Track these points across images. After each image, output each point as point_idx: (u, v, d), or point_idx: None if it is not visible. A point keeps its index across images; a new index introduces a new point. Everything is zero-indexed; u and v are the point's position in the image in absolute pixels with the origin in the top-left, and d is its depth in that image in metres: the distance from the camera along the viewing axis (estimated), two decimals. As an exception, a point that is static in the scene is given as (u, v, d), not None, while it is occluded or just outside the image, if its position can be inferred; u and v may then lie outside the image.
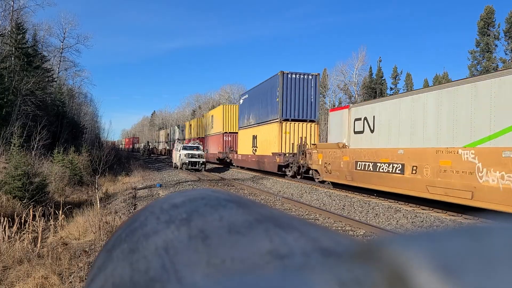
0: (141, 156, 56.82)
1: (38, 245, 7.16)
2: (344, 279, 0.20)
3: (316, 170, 15.98)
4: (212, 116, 36.71)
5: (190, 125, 50.29)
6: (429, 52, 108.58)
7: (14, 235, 7.46)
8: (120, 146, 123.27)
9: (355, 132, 13.82)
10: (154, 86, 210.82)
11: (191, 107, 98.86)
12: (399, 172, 10.95)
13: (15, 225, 7.84)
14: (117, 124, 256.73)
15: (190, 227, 0.25)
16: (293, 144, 19.81)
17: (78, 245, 7.63)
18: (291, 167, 18.78)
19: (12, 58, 25.75)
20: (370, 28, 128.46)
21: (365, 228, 8.46)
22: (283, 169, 19.54)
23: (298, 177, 18.47)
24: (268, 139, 22.16)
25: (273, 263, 0.21)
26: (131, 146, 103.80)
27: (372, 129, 12.86)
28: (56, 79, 36.93)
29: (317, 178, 15.78)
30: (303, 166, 17.85)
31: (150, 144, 74.44)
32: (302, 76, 21.76)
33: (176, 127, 61.59)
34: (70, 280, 5.62)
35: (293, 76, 21.50)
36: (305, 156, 17.13)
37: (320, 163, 15.38)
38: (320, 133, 22.37)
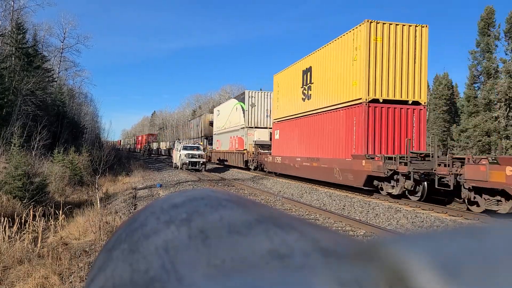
0: (141, 156, 56.87)
1: (38, 245, 7.16)
2: (344, 279, 0.19)
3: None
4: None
5: (277, 84, 22.04)
6: (430, 52, 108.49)
7: (14, 235, 7.46)
8: (127, 146, 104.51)
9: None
10: (154, 86, 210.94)
11: (191, 107, 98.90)
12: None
13: (15, 225, 7.84)
14: (117, 124, 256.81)
15: (190, 227, 0.25)
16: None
17: (78, 245, 7.63)
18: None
19: (13, 58, 25.76)
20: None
21: (365, 228, 8.46)
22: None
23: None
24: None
25: (273, 263, 0.21)
26: (144, 147, 78.12)
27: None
28: (56, 79, 36.95)
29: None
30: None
31: (150, 144, 74.11)
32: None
33: (238, 102, 28.84)
34: (70, 280, 5.62)
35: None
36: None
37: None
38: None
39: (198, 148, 26.78)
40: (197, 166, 25.42)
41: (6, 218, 7.72)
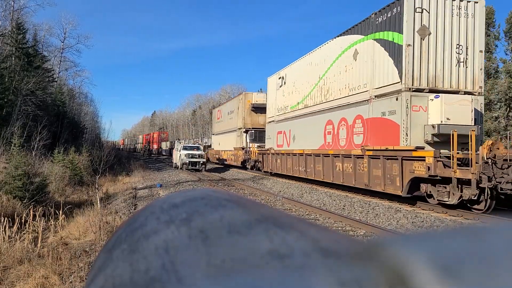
0: (141, 156, 56.82)
1: (39, 245, 7.16)
2: (344, 279, 0.19)
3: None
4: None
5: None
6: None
7: (15, 235, 7.46)
8: (133, 146, 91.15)
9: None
10: (154, 86, 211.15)
11: (191, 107, 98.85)
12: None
13: (15, 225, 7.84)
14: (117, 124, 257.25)
15: (190, 227, 0.25)
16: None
17: (79, 245, 7.63)
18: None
19: (13, 58, 25.77)
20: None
21: (366, 228, 8.45)
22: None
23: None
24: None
25: (273, 263, 0.21)
26: (155, 147, 66.32)
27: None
28: (56, 79, 36.94)
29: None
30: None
31: (149, 145, 73.77)
32: None
33: (363, 38, 12.39)
34: (70, 280, 5.62)
35: None
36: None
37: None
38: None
39: (198, 148, 26.96)
40: (197, 166, 25.48)
41: (6, 218, 7.72)
